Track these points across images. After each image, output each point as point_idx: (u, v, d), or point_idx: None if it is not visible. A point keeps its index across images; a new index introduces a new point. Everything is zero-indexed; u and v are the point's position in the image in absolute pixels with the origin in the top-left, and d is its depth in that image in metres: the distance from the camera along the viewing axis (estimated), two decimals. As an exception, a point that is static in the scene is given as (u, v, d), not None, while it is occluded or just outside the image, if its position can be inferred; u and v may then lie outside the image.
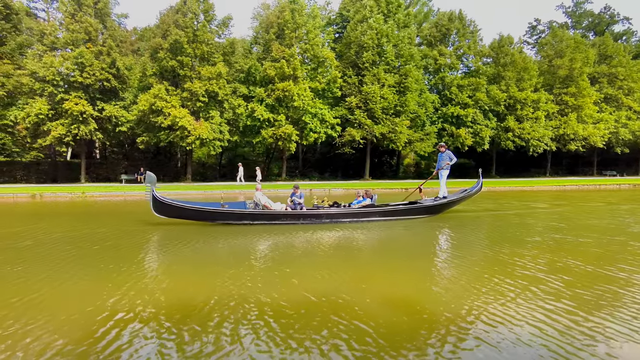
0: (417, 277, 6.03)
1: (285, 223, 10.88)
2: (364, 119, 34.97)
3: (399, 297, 5.06)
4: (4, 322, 4.25)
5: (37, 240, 9.14)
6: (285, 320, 4.25)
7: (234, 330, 4.03)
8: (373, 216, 11.48)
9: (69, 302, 4.90)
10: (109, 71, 31.06)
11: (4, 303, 4.85)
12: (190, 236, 9.39)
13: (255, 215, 10.79)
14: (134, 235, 9.75)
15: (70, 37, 30.13)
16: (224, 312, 4.49)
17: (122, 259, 7.20)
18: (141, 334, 3.98)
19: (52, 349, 3.67)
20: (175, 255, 7.63)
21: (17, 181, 32.67)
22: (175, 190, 23.97)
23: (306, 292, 5.12)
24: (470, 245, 8.51)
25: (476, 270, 6.26)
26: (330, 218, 11.10)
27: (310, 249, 8.09)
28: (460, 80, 39.88)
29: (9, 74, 30.19)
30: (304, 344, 3.72)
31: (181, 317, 4.36)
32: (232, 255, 7.76)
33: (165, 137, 31.15)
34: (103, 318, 4.33)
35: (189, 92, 30.99)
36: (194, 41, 31.57)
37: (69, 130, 29.51)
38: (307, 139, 34.47)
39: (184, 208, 10.73)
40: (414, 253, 7.98)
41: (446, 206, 12.96)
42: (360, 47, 35.96)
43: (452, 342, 3.76)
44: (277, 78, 32.75)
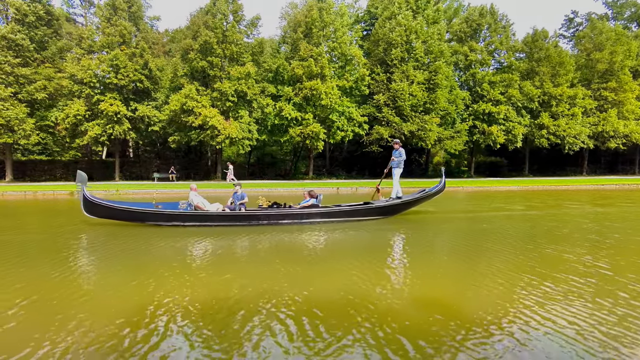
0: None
1: (220, 225, 10.22)
2: (392, 117, 34.57)
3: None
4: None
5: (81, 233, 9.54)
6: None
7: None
8: (315, 218, 10.67)
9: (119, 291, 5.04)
10: (142, 72, 32.03)
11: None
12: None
13: (186, 216, 10.22)
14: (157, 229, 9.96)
15: (106, 40, 31.26)
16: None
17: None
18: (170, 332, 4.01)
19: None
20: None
21: (57, 179, 34.20)
22: (205, 189, 24.48)
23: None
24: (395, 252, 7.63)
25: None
26: (268, 220, 10.41)
27: (221, 254, 7.35)
28: (491, 77, 38.79)
29: (50, 77, 31.64)
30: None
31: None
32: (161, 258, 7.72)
33: (196, 136, 31.83)
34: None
35: (219, 92, 31.52)
36: (223, 42, 32.08)
37: (104, 130, 30.65)
38: (334, 137, 34.42)
39: (113, 208, 10.33)
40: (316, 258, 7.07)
41: (401, 207, 11.97)
42: (388, 44, 35.55)
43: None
44: (304, 77, 32.86)
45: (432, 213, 13.39)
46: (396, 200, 11.72)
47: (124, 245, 8.02)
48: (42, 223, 12.12)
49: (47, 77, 31.56)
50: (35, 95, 30.83)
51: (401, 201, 11.79)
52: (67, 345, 3.58)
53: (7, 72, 29.68)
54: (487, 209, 15.41)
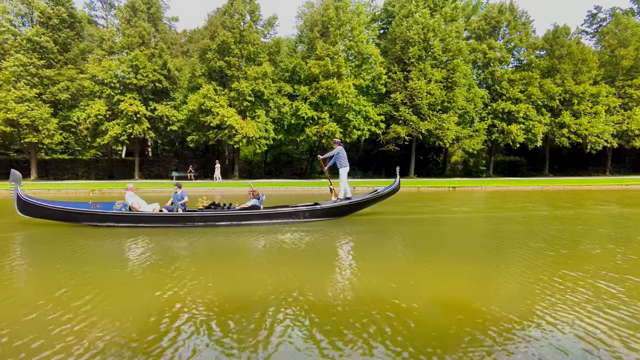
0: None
1: (154, 226, 9.85)
2: (410, 116, 34.29)
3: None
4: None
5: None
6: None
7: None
8: (255, 219, 10.19)
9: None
10: (161, 72, 32.52)
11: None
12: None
13: (119, 216, 9.89)
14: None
15: (126, 41, 31.83)
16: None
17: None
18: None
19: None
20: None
21: (78, 177, 35.00)
22: (224, 187, 24.73)
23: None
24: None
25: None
26: (204, 221, 9.96)
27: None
28: (511, 75, 38.11)
29: (73, 78, 32.35)
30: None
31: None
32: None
33: (214, 135, 32.15)
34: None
35: (236, 91, 31.75)
36: (240, 42, 32.30)
37: (124, 130, 31.22)
38: (351, 136, 34.32)
39: (47, 208, 10.02)
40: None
41: (349, 208, 11.49)
42: (405, 42, 35.27)
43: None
44: (321, 76, 32.84)
45: (434, 213, 13.21)
46: (344, 201, 11.28)
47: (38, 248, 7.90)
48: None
49: (70, 78, 32.28)
50: (58, 96, 31.55)
51: (349, 202, 11.34)
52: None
53: (32, 74, 30.45)
54: (511, 208, 15.15)
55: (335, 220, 11.05)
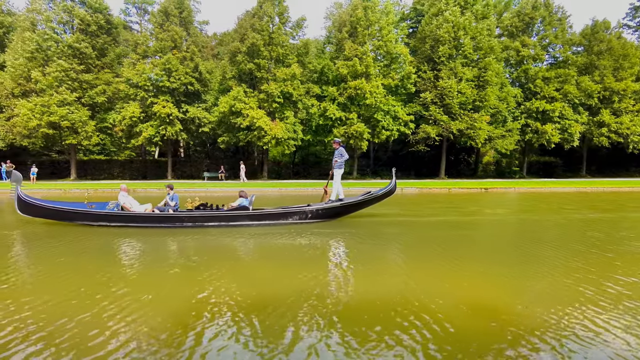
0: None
1: (144, 226, 9.92)
2: (440, 115, 33.72)
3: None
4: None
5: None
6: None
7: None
8: (243, 220, 10.11)
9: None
10: (192, 75, 33.25)
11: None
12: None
13: (111, 216, 10.03)
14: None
15: (159, 45, 32.74)
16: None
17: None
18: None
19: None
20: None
21: (114, 177, 36.27)
22: (253, 187, 25.04)
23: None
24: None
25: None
26: (193, 222, 9.98)
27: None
28: (545, 72, 36.88)
29: (109, 81, 33.55)
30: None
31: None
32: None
33: (244, 137, 32.63)
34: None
35: (266, 93, 32.10)
36: (269, 44, 32.63)
37: (158, 131, 32.11)
38: (379, 136, 34.08)
39: (45, 208, 10.26)
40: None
41: (341, 210, 11.24)
42: (435, 41, 34.71)
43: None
44: (349, 76, 32.77)
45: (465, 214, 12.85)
46: (335, 203, 11.04)
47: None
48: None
49: (107, 81, 33.48)
50: (96, 99, 32.78)
51: (341, 204, 11.09)
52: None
53: (72, 79, 31.76)
54: (547, 210, 14.63)
55: (328, 221, 10.77)
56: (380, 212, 13.22)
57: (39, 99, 30.51)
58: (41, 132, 30.85)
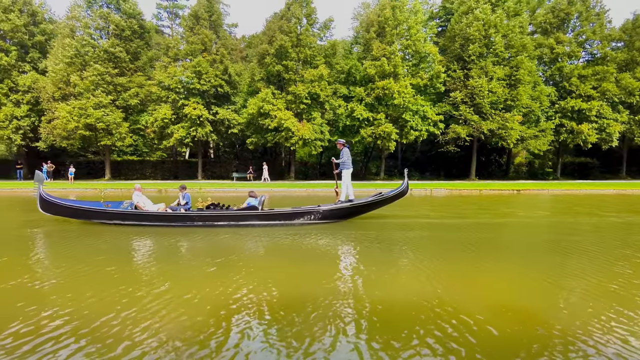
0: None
1: (156, 225, 10.08)
2: (470, 115, 33.02)
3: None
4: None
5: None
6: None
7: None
8: (253, 220, 10.14)
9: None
10: (222, 77, 33.79)
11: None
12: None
13: (125, 215, 10.25)
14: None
15: (190, 48, 33.47)
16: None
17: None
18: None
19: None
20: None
21: (146, 177, 37.35)
22: (281, 188, 25.25)
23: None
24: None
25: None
26: (203, 221, 10.09)
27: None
28: (582, 70, 35.53)
29: (141, 84, 34.56)
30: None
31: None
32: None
33: (272, 138, 32.94)
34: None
35: (293, 94, 32.30)
36: (297, 45, 32.82)
37: (189, 133, 32.82)
38: (408, 137, 33.67)
39: (63, 206, 10.56)
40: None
41: (351, 211, 11.04)
42: (465, 39, 34.03)
43: None
44: (377, 76, 32.54)
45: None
46: (345, 204, 10.87)
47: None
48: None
49: (139, 84, 34.51)
50: (129, 102, 33.86)
51: (351, 205, 10.90)
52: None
53: (107, 82, 32.91)
54: (583, 213, 14.01)
55: (338, 222, 10.65)
56: (408, 214, 13.05)
57: (77, 102, 31.77)
58: (78, 134, 32.12)
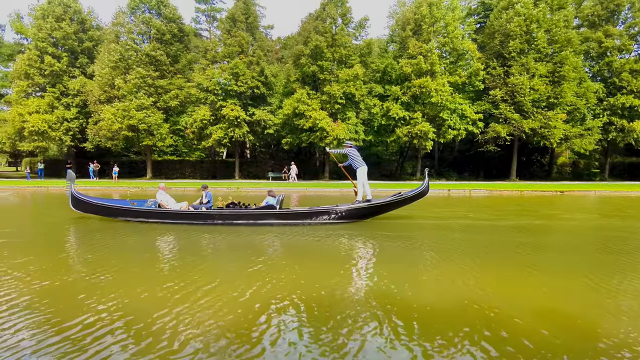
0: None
1: (178, 222, 10.36)
2: (511, 114, 31.95)
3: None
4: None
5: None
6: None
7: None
8: (270, 219, 10.27)
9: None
10: (258, 79, 34.29)
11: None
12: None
13: (148, 213, 10.56)
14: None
15: (227, 50, 34.17)
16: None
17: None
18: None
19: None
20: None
21: (186, 177, 38.48)
22: (314, 188, 25.40)
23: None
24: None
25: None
26: (222, 219, 10.27)
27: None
28: (634, 64, 33.57)
29: (181, 86, 35.62)
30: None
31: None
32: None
33: (306, 138, 33.12)
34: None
35: (328, 95, 32.35)
36: (332, 45, 32.83)
37: (226, 133, 33.51)
38: (445, 136, 32.99)
39: (92, 204, 11.03)
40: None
41: (369, 210, 10.92)
42: (505, 35, 32.95)
43: None
44: (413, 75, 32.08)
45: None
46: (362, 204, 10.78)
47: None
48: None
49: (179, 86, 35.58)
50: (169, 103, 34.99)
51: (369, 205, 10.81)
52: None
53: (149, 84, 34.13)
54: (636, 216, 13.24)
55: (355, 222, 10.62)
56: (447, 215, 12.78)
57: (121, 104, 33.12)
58: (122, 134, 33.49)
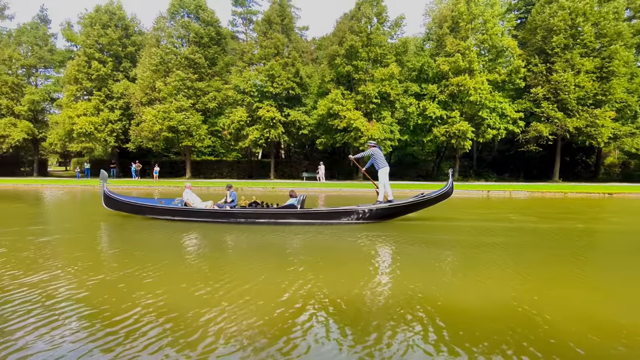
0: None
1: (202, 220, 10.71)
2: (554, 112, 30.69)
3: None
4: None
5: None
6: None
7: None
8: (291, 218, 10.45)
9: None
10: (294, 80, 34.60)
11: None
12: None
13: (174, 211, 10.98)
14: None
15: (263, 52, 34.70)
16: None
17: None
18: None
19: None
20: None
21: (223, 177, 39.42)
22: (346, 188, 25.39)
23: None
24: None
25: None
26: (245, 218, 10.57)
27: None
28: (691, 58, 31.53)
29: (219, 88, 36.49)
30: None
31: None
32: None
33: (341, 138, 33.15)
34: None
35: (363, 94, 32.22)
36: (367, 45, 32.67)
37: (262, 134, 34.05)
38: (484, 136, 32.12)
39: (123, 202, 11.51)
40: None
41: (390, 211, 10.78)
42: (548, 30, 31.68)
43: None
44: (450, 73, 31.45)
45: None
46: (383, 205, 10.68)
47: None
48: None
49: (217, 88, 36.48)
50: (207, 105, 35.92)
51: (390, 205, 10.70)
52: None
53: (188, 87, 35.18)
54: None
55: (376, 223, 10.55)
56: (485, 217, 12.46)
57: (161, 106, 34.29)
58: (162, 135, 34.68)
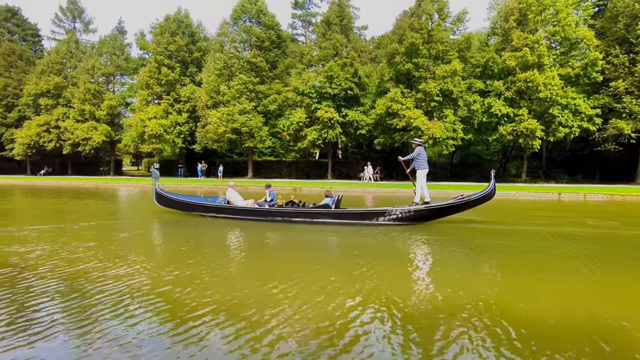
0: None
1: (242, 218, 11.33)
2: (638, 107, 28.04)
3: None
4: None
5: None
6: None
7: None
8: (326, 218, 10.72)
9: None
10: (352, 80, 34.61)
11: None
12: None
13: (218, 208, 11.68)
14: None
15: (322, 54, 35.09)
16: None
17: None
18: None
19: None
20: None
21: (282, 177, 40.48)
22: (402, 189, 25.07)
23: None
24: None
25: None
26: (282, 217, 11.04)
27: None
28: None
29: (279, 91, 37.48)
30: None
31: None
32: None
33: (400, 137, 32.67)
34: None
35: (423, 92, 31.51)
36: (428, 42, 31.90)
37: (320, 135, 34.46)
38: (555, 134, 30.11)
39: (172, 200, 12.33)
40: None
41: (427, 213, 10.57)
42: (632, 17, 28.98)
43: None
44: (518, 68, 29.84)
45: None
46: (420, 206, 10.48)
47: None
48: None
49: (277, 91, 37.49)
50: (268, 107, 37.04)
51: (426, 207, 10.48)
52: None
53: (250, 90, 36.50)
54: None
55: (408, 225, 10.51)
56: (557, 221, 11.81)
57: (225, 109, 35.90)
58: (226, 137, 36.30)
